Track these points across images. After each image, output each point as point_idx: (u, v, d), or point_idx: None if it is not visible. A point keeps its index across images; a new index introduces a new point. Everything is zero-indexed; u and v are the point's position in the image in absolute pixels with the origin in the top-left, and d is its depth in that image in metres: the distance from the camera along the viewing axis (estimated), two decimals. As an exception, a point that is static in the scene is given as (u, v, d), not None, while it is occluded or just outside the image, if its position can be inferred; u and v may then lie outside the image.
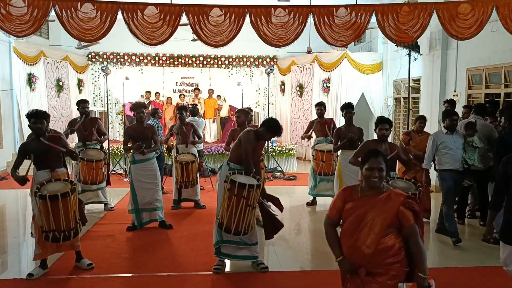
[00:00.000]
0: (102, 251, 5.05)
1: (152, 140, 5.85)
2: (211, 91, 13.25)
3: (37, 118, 4.30)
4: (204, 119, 12.29)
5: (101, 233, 5.71)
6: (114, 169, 9.55)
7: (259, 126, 4.69)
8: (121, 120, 13.36)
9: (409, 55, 8.19)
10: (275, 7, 5.23)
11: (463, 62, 7.66)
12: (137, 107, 5.77)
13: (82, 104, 6.66)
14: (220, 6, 5.19)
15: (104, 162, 6.47)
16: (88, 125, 6.72)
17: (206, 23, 5.10)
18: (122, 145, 10.38)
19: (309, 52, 10.04)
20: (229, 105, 13.34)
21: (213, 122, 13.20)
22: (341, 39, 5.31)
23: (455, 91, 7.84)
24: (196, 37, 8.69)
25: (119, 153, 10.14)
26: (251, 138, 4.48)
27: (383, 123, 4.66)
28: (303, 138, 7.56)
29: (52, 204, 4.03)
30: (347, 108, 5.81)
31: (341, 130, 5.89)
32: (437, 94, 8.25)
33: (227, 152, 6.82)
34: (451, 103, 6.64)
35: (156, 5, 5.14)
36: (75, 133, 6.83)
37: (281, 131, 4.54)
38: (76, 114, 9.28)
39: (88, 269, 4.46)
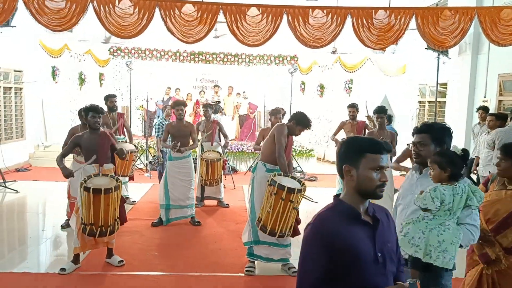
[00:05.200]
0: (130, 248, 5.06)
1: (191, 138, 5.89)
2: (230, 89, 13.23)
3: (97, 112, 4.38)
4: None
5: (128, 228, 5.69)
6: (135, 164, 9.58)
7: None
8: (140, 115, 13.40)
9: (438, 58, 8.04)
10: (313, 7, 5.15)
11: (495, 67, 7.51)
12: (176, 104, 5.79)
13: (111, 98, 6.66)
14: (258, 6, 5.13)
15: (135, 156, 6.53)
16: (116, 119, 6.74)
17: (243, 22, 5.05)
18: (143, 140, 10.52)
19: (334, 52, 9.94)
20: (249, 103, 13.31)
21: (232, 119, 13.17)
22: (379, 42, 5.22)
23: (484, 97, 7.70)
24: (217, 34, 8.58)
25: (140, 148, 10.18)
26: (284, 132, 4.45)
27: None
28: (333, 139, 7.47)
29: (94, 198, 4.07)
30: (379, 113, 5.71)
31: (373, 134, 5.81)
32: (465, 100, 8.12)
33: (257, 151, 6.80)
34: (485, 110, 6.51)
35: (193, 3, 5.10)
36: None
37: (310, 124, 4.54)
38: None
39: (119, 266, 4.47)
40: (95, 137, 4.43)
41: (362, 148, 1.81)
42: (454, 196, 2.50)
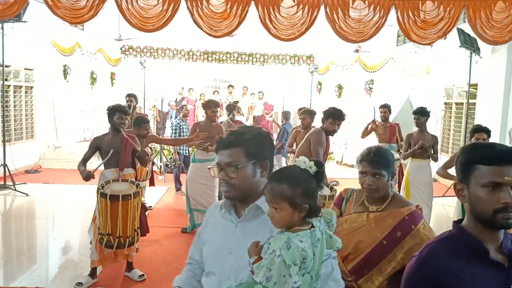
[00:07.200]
0: (151, 259, 4.67)
1: None
2: (245, 89, 12.86)
3: (125, 114, 4.17)
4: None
5: (146, 237, 5.22)
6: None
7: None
8: (152, 115, 13.06)
9: (471, 57, 7.59)
10: (354, -2, 4.75)
11: (533, 67, 7.06)
12: (214, 105, 5.42)
13: (127, 97, 6.34)
14: (293, -4, 4.74)
15: (150, 159, 6.15)
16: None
17: (276, 14, 4.65)
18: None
19: (357, 51, 9.54)
20: (264, 103, 12.94)
21: (246, 120, 12.81)
22: (426, 36, 4.80)
23: (522, 98, 7.25)
24: (233, 33, 8.05)
25: (155, 150, 9.83)
26: (322, 139, 4.15)
27: (480, 132, 4.21)
28: (363, 137, 7.13)
29: (112, 205, 3.69)
30: (417, 114, 5.34)
31: (412, 136, 5.42)
32: (500, 101, 7.65)
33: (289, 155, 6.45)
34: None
35: (223, -6, 4.72)
36: None
37: (345, 116, 4.34)
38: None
39: (140, 281, 4.08)
40: (117, 140, 4.11)
41: (471, 159, 1.36)
42: (315, 246, 1.39)
